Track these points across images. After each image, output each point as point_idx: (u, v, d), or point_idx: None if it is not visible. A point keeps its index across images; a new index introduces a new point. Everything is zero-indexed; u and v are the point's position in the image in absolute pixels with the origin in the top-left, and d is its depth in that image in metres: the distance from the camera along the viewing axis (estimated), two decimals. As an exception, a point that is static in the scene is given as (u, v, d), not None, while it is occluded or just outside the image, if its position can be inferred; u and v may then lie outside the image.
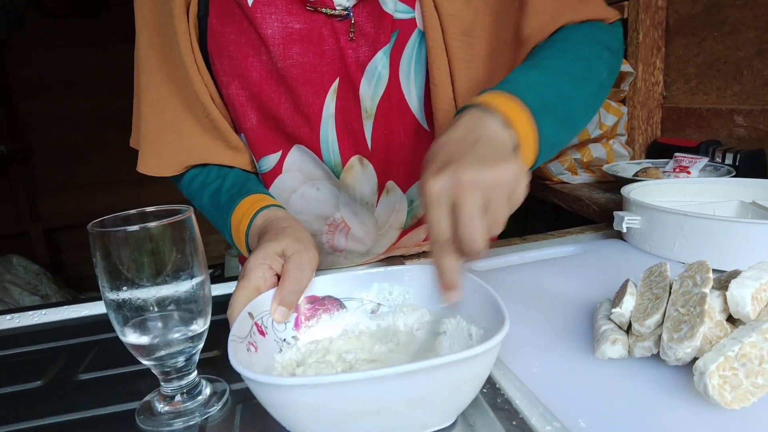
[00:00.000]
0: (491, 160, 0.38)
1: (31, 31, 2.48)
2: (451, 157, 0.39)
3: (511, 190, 0.39)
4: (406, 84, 0.61)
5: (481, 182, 0.37)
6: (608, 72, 0.58)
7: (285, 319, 0.43)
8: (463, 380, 0.32)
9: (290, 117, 0.61)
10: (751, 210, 0.66)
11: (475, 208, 0.37)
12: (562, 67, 0.53)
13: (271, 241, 0.46)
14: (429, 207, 0.38)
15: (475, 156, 0.39)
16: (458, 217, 0.37)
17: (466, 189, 0.37)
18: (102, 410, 0.42)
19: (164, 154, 0.62)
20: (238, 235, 0.56)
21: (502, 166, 0.38)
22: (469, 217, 0.37)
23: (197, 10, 0.58)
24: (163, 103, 0.61)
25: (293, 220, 0.52)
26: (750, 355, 0.33)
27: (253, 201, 0.56)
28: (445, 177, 0.38)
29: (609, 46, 0.59)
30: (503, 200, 0.38)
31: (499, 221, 0.38)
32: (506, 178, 0.38)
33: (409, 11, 0.59)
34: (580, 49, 0.56)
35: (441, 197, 0.38)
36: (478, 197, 0.37)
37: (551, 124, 0.49)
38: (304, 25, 0.57)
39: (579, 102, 0.53)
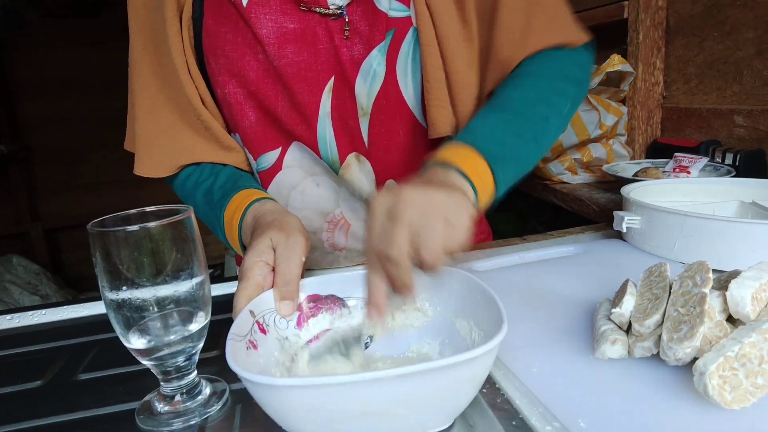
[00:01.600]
0: (438, 186, 0.41)
1: (31, 31, 2.48)
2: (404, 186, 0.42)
3: (450, 215, 0.40)
4: (403, 82, 0.61)
5: (421, 199, 0.39)
6: (570, 105, 0.60)
7: (292, 311, 0.44)
8: (461, 383, 0.32)
9: (287, 115, 0.61)
10: (751, 210, 0.66)
11: (407, 217, 0.39)
12: (524, 109, 0.55)
13: (260, 236, 0.46)
14: (368, 218, 0.41)
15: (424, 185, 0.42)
16: (391, 221, 0.39)
17: (405, 201, 0.39)
18: (102, 410, 0.42)
19: (160, 156, 0.62)
20: (230, 230, 0.56)
21: (444, 193, 0.41)
22: (399, 222, 0.39)
23: (192, 11, 0.58)
24: (157, 106, 0.61)
25: (279, 212, 0.52)
26: (750, 356, 0.33)
27: (244, 196, 0.56)
28: (390, 193, 0.41)
29: (574, 78, 0.60)
30: (440, 222, 0.39)
31: (432, 244, 0.39)
32: (448, 202, 0.40)
33: (404, 9, 0.59)
34: (545, 86, 0.58)
35: (380, 209, 0.40)
36: (413, 210, 0.39)
37: (506, 169, 0.51)
38: (298, 25, 0.58)
39: (537, 144, 0.56)
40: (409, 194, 0.40)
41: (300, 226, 0.49)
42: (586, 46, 0.64)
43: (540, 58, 0.60)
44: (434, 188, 0.41)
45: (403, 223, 0.38)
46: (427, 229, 0.38)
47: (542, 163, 1.14)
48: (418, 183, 0.43)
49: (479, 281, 0.41)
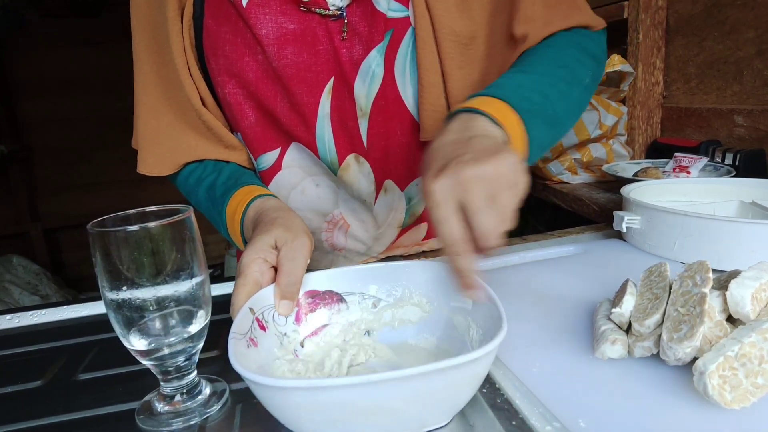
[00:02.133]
0: (488, 154, 0.38)
1: (31, 31, 2.48)
2: (449, 157, 0.40)
3: (513, 179, 0.39)
4: (401, 82, 0.61)
5: (483, 175, 0.37)
6: (591, 78, 0.59)
7: (290, 311, 0.44)
8: (461, 382, 0.33)
9: (286, 116, 0.61)
10: (751, 210, 0.66)
11: (482, 200, 0.37)
12: (547, 72, 0.54)
13: (263, 233, 0.46)
14: (435, 208, 0.38)
15: (472, 152, 0.39)
16: (468, 212, 0.37)
17: (470, 184, 0.37)
18: (102, 410, 0.42)
19: (162, 154, 0.62)
20: (233, 225, 0.56)
21: (500, 158, 0.38)
22: (479, 209, 0.37)
23: (192, 11, 0.58)
24: (160, 105, 0.61)
25: (284, 209, 0.52)
26: (750, 355, 0.33)
27: (246, 192, 0.56)
28: (446, 176, 0.38)
29: (592, 54, 0.60)
30: (508, 191, 0.38)
31: (507, 213, 0.38)
32: (506, 168, 0.38)
33: (403, 10, 0.59)
34: (565, 55, 0.57)
35: (446, 197, 0.38)
36: (483, 190, 0.37)
37: (538, 125, 0.49)
38: (298, 26, 0.58)
39: (564, 104, 0.54)
40: (470, 175, 0.37)
41: (305, 226, 0.49)
42: (603, 31, 0.65)
43: (559, 34, 0.60)
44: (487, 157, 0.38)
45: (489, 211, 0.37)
46: (502, 203, 0.38)
47: (542, 163, 1.14)
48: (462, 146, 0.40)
49: (479, 281, 0.41)
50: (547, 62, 0.55)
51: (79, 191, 2.71)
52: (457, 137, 0.43)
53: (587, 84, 0.58)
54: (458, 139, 0.42)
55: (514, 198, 0.39)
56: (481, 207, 0.37)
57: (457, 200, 0.38)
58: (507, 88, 0.50)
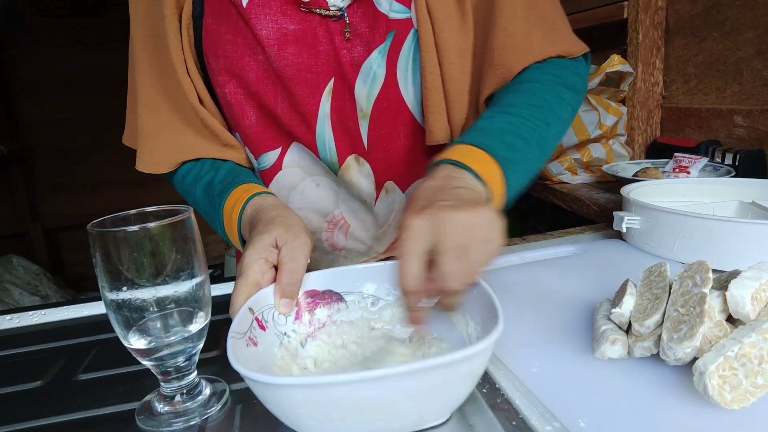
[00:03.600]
0: (470, 205, 0.40)
1: (31, 31, 2.48)
2: (432, 200, 0.40)
3: (488, 235, 0.39)
4: (404, 84, 0.61)
5: (461, 223, 0.38)
6: (570, 112, 0.60)
7: (290, 310, 0.44)
8: (459, 378, 0.33)
9: (287, 116, 0.61)
10: (751, 210, 0.66)
11: (453, 245, 0.38)
12: (529, 114, 0.55)
13: (263, 233, 0.46)
14: (405, 241, 0.39)
15: (455, 200, 0.40)
16: (437, 253, 0.38)
17: (446, 228, 0.38)
18: (102, 410, 0.42)
19: (161, 152, 0.62)
20: (230, 224, 0.56)
21: (479, 212, 0.39)
22: (447, 252, 0.37)
23: (192, 10, 0.58)
24: (158, 103, 0.61)
25: (282, 207, 0.52)
26: (750, 355, 0.33)
27: (244, 189, 0.56)
28: (425, 216, 0.38)
29: (572, 86, 0.60)
30: (481, 245, 0.39)
31: (476, 265, 0.39)
32: (484, 222, 0.39)
33: (405, 11, 0.59)
34: (546, 92, 0.57)
35: (419, 234, 0.38)
36: (456, 236, 0.38)
37: (517, 173, 0.50)
38: (298, 26, 0.57)
39: (542, 147, 0.55)
40: (449, 219, 0.38)
41: (304, 226, 0.49)
42: (584, 56, 0.64)
43: (541, 66, 0.60)
44: (468, 207, 0.39)
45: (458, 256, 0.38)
46: (473, 255, 0.38)
47: (542, 163, 1.14)
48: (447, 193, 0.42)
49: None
50: (528, 101, 0.56)
51: (79, 191, 2.71)
52: (443, 184, 0.44)
53: (566, 119, 0.59)
54: (443, 186, 0.44)
55: (485, 253, 0.39)
56: (451, 251, 0.38)
57: (428, 241, 0.38)
58: (491, 134, 0.51)
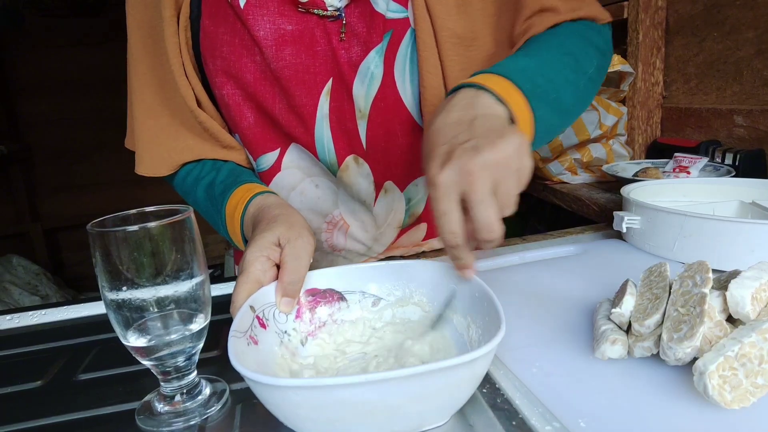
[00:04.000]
0: (492, 139, 0.38)
1: (31, 31, 2.48)
2: (452, 143, 0.40)
3: (517, 164, 0.39)
4: (401, 83, 0.61)
5: (488, 164, 0.37)
6: (596, 69, 0.58)
7: (291, 308, 0.44)
8: (460, 382, 0.33)
9: (285, 117, 0.61)
10: (751, 210, 0.66)
11: (486, 193, 0.37)
12: (552, 58, 0.53)
13: (265, 231, 0.46)
14: (439, 199, 0.39)
15: (475, 137, 0.39)
16: (470, 204, 0.38)
17: (474, 176, 0.37)
18: (102, 410, 0.42)
19: (160, 155, 0.62)
20: (233, 223, 0.55)
21: (504, 143, 0.38)
22: (480, 202, 0.37)
23: (189, 11, 0.58)
24: (156, 106, 0.61)
25: (285, 206, 0.52)
26: (750, 355, 0.33)
27: (246, 189, 0.56)
28: (450, 168, 0.38)
29: (597, 46, 0.59)
30: (511, 177, 0.38)
31: (510, 199, 0.39)
32: (510, 154, 0.38)
33: (402, 11, 0.59)
34: (570, 44, 0.56)
35: (448, 189, 0.38)
36: (487, 181, 0.37)
37: (544, 107, 0.49)
38: (296, 27, 0.57)
39: (569, 91, 0.54)
40: (476, 166, 0.37)
41: (307, 224, 0.48)
42: (608, 25, 0.64)
43: (565, 25, 0.59)
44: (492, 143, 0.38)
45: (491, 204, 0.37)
46: (504, 190, 0.38)
47: (542, 163, 1.14)
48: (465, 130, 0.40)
49: (478, 279, 0.41)
50: (551, 49, 0.55)
51: (79, 191, 2.71)
52: (460, 116, 0.42)
53: (591, 74, 0.57)
54: (461, 119, 0.42)
55: (517, 183, 0.39)
56: (483, 199, 0.37)
57: (459, 192, 0.38)
58: (511, 69, 0.49)
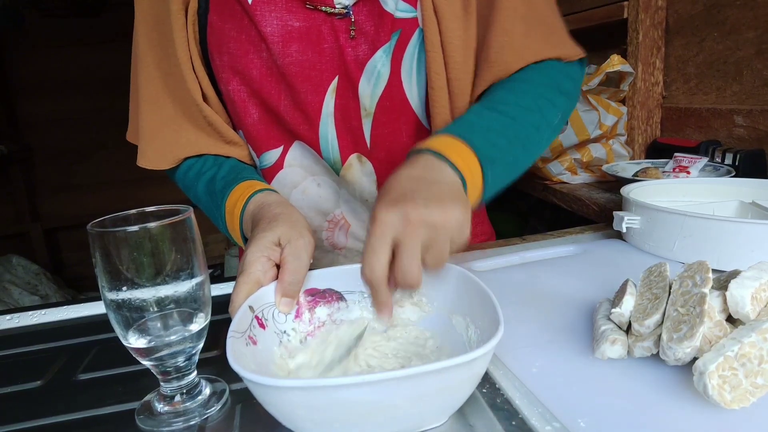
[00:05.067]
0: (442, 202, 0.41)
1: (31, 31, 2.48)
2: (406, 192, 0.42)
3: (454, 233, 0.41)
4: (408, 83, 0.61)
5: (428, 222, 0.40)
6: (560, 117, 0.60)
7: (291, 308, 0.44)
8: (459, 382, 0.33)
9: (290, 114, 0.61)
10: (751, 210, 0.66)
11: (416, 245, 0.40)
12: (519, 116, 0.55)
13: (266, 230, 0.46)
14: (373, 236, 0.41)
15: (429, 195, 0.42)
16: (399, 249, 0.40)
17: (413, 226, 0.40)
18: (102, 410, 0.42)
19: (162, 148, 0.62)
20: (232, 220, 0.56)
21: (450, 210, 0.41)
22: (410, 253, 0.40)
23: (197, 6, 0.58)
24: (161, 99, 0.61)
25: (286, 205, 0.52)
26: (749, 355, 0.33)
27: (246, 186, 0.56)
28: (396, 211, 0.41)
29: (566, 91, 0.61)
30: (446, 242, 0.41)
31: (441, 259, 0.42)
32: (452, 221, 0.41)
33: (411, 10, 0.59)
34: (538, 96, 0.58)
35: (387, 229, 0.40)
36: (420, 236, 0.40)
37: (497, 171, 0.51)
38: (303, 23, 0.57)
39: (527, 149, 0.57)
40: (418, 218, 0.40)
41: (307, 224, 0.49)
42: (580, 61, 0.65)
43: (536, 68, 0.60)
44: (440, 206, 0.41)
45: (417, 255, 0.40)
46: (437, 249, 0.41)
47: (542, 163, 1.14)
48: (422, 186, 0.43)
49: (477, 279, 0.41)
50: (521, 102, 0.57)
51: (79, 191, 2.71)
52: (420, 175, 0.45)
53: (555, 124, 0.60)
54: (420, 177, 0.45)
55: (445, 252, 0.42)
56: (414, 251, 0.40)
57: (394, 236, 0.40)
58: (477, 130, 0.52)
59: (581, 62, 0.65)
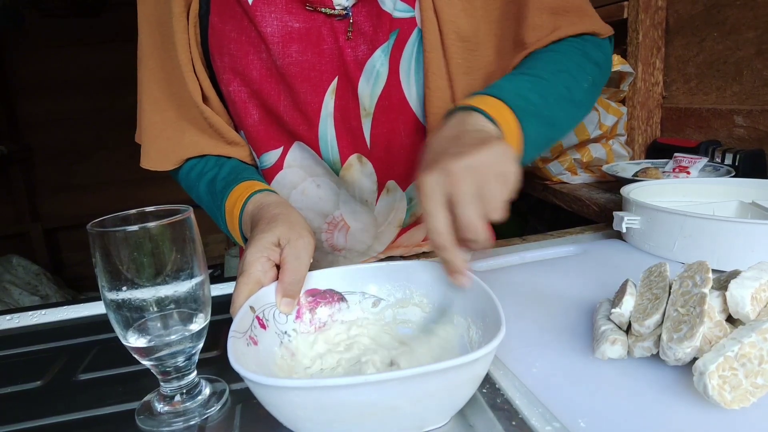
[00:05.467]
0: (477, 146, 0.40)
1: (31, 31, 2.48)
2: (440, 151, 0.41)
3: (500, 169, 0.40)
4: (406, 83, 0.61)
5: (470, 167, 0.38)
6: (591, 83, 0.60)
7: (291, 309, 0.44)
8: (460, 383, 0.33)
9: (290, 115, 0.61)
10: (751, 210, 0.66)
11: (468, 193, 0.38)
12: (547, 75, 0.55)
13: (265, 231, 0.46)
14: (423, 201, 0.40)
15: (463, 144, 0.41)
16: (454, 204, 0.38)
17: (457, 176, 0.38)
18: (102, 410, 0.42)
19: (165, 149, 0.62)
20: (231, 220, 0.56)
21: (487, 150, 0.39)
22: (463, 202, 0.38)
23: (198, 8, 0.58)
24: (163, 100, 0.62)
25: (285, 205, 0.52)
26: (749, 356, 0.33)
27: (246, 186, 0.56)
28: (435, 170, 0.39)
29: (595, 60, 0.60)
30: (495, 181, 0.39)
31: (496, 203, 0.39)
32: (493, 158, 0.39)
33: (409, 10, 0.59)
34: (567, 59, 0.58)
35: (433, 190, 0.39)
36: (470, 183, 0.38)
37: (534, 124, 0.50)
38: (303, 24, 0.58)
39: (562, 107, 0.55)
40: (458, 168, 0.38)
41: (307, 224, 0.49)
42: (609, 38, 0.65)
43: (565, 41, 0.60)
44: (475, 149, 0.39)
45: (472, 203, 0.38)
46: (489, 194, 0.39)
47: (542, 163, 1.14)
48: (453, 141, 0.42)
49: (478, 280, 0.41)
50: (548, 66, 0.56)
51: (79, 191, 2.71)
52: (451, 133, 0.44)
53: (586, 88, 0.59)
54: (451, 135, 0.44)
55: (502, 187, 0.40)
56: (466, 199, 0.38)
57: (444, 193, 0.39)
58: (505, 88, 0.51)
59: (610, 40, 0.66)
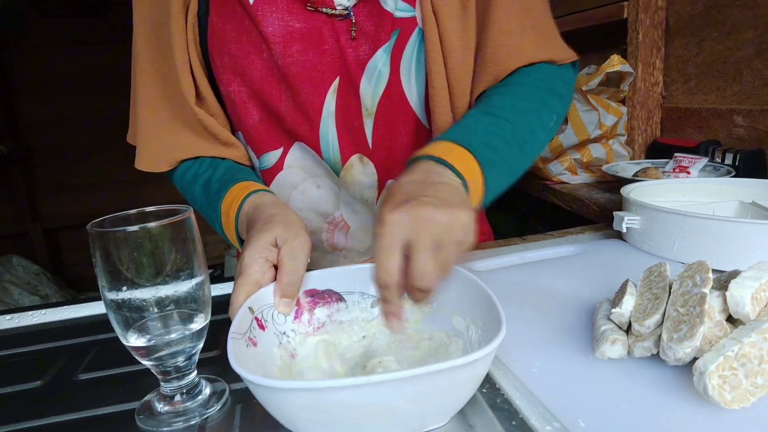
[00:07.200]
0: (449, 203, 0.40)
1: (31, 31, 2.48)
2: (412, 194, 0.41)
3: (462, 236, 0.40)
4: (407, 82, 0.61)
5: (438, 221, 0.38)
6: (555, 120, 0.60)
7: (290, 309, 0.44)
8: (461, 383, 0.33)
9: (291, 115, 0.61)
10: (751, 210, 0.66)
11: (430, 244, 0.38)
12: (514, 119, 0.55)
13: (262, 232, 0.46)
14: (382, 237, 0.39)
15: (435, 196, 0.40)
16: (412, 250, 0.38)
17: (423, 225, 0.38)
18: (102, 410, 0.42)
19: (159, 151, 0.62)
20: (228, 221, 0.55)
21: (457, 211, 0.39)
22: (423, 250, 0.38)
23: (197, 8, 0.58)
24: (158, 101, 0.61)
25: (281, 205, 0.52)
26: (749, 355, 0.33)
27: (242, 187, 0.56)
28: (404, 211, 0.39)
29: (560, 94, 0.61)
30: (453, 244, 0.39)
31: (448, 264, 0.39)
32: (460, 223, 0.39)
33: (410, 10, 0.59)
34: (533, 99, 0.58)
35: (396, 230, 0.38)
36: (434, 234, 0.38)
37: (496, 173, 0.51)
38: (304, 24, 0.58)
39: (524, 152, 0.56)
40: (426, 216, 0.38)
41: (304, 224, 0.48)
42: (573, 63, 0.65)
43: (529, 71, 0.60)
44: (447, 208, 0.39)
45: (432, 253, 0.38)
46: (445, 254, 0.39)
47: (542, 163, 1.14)
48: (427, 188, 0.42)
49: (478, 280, 0.41)
50: (516, 105, 0.56)
51: (79, 191, 2.71)
52: (424, 179, 0.44)
53: (551, 127, 0.59)
54: (424, 181, 0.44)
55: (456, 253, 0.40)
56: (426, 249, 0.38)
57: (405, 237, 0.38)
58: (475, 134, 0.51)
59: (574, 65, 0.65)
